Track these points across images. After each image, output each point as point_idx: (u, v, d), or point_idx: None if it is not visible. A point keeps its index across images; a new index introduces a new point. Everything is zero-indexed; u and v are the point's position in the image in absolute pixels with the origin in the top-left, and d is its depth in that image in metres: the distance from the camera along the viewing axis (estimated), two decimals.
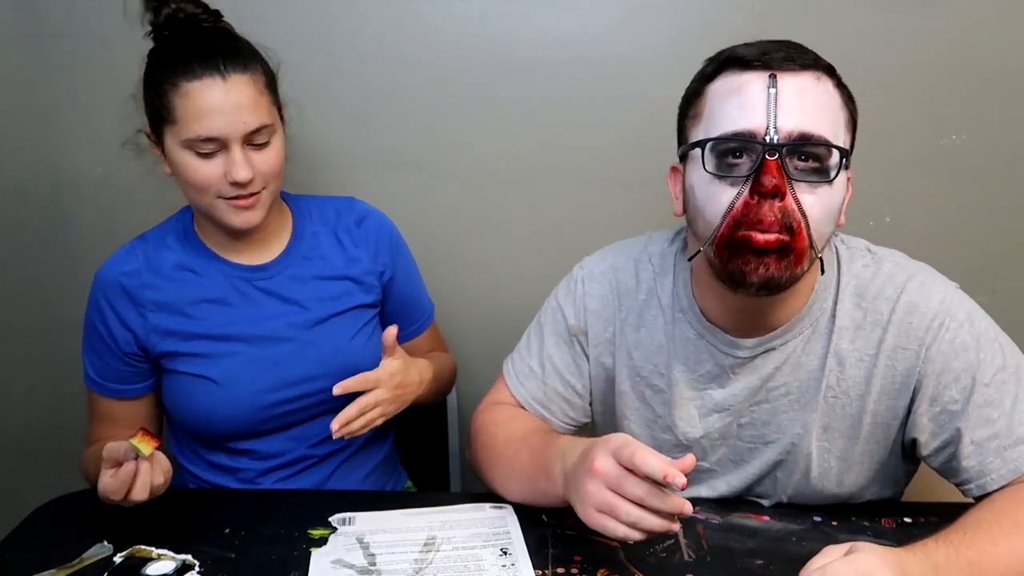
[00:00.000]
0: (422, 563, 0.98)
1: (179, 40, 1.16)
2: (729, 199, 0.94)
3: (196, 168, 1.13)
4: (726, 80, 0.96)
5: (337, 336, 1.27)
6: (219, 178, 1.13)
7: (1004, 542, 0.89)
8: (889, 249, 1.10)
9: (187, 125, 1.11)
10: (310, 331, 1.25)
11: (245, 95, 1.12)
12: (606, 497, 0.87)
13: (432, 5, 1.54)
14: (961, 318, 1.01)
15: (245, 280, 1.25)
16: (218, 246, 1.25)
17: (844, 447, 1.07)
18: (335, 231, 1.31)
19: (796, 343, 1.05)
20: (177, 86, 1.11)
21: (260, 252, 1.26)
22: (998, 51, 1.53)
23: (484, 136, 1.59)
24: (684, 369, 1.09)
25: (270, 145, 1.16)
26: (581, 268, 1.19)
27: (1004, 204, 1.61)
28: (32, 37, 1.56)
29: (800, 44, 0.98)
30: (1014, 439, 0.98)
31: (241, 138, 1.12)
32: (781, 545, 1.03)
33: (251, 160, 1.14)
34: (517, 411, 1.19)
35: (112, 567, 0.98)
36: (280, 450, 1.26)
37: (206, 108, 1.10)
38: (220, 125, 1.10)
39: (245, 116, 1.12)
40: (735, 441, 1.10)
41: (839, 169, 0.95)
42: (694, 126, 1.00)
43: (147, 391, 1.26)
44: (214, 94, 1.10)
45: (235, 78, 1.11)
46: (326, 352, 1.25)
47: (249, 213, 1.17)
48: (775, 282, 0.94)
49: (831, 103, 0.96)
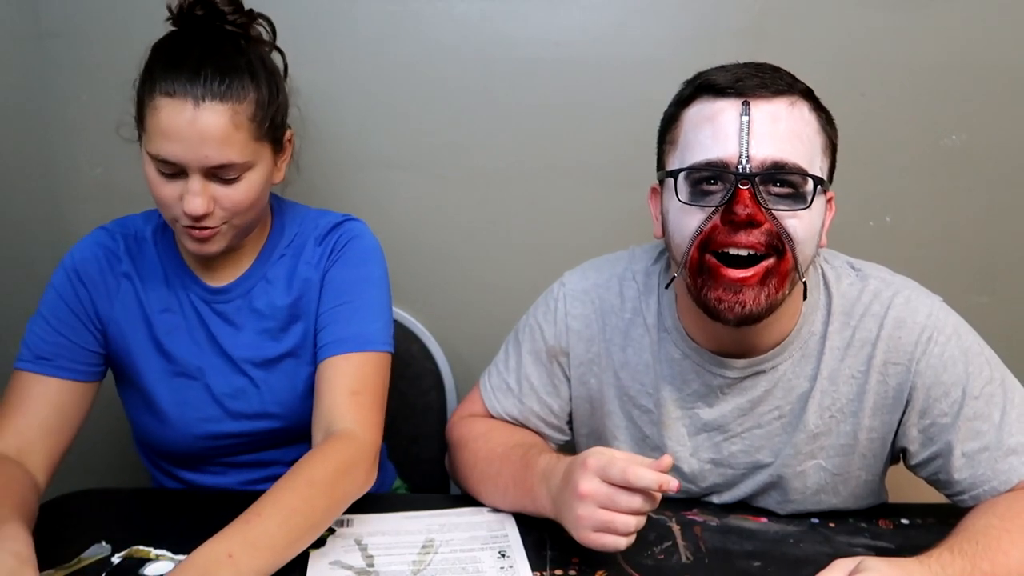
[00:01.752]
0: (420, 565, 0.98)
1: (179, 41, 1.07)
2: (699, 222, 0.94)
3: (157, 184, 1.05)
4: (700, 107, 0.96)
5: (291, 378, 1.18)
6: (175, 201, 1.04)
7: (1015, 552, 0.89)
8: (872, 264, 1.09)
9: (151, 139, 1.03)
10: (262, 369, 1.18)
11: (214, 127, 1.01)
12: (600, 516, 0.88)
13: (432, 6, 1.54)
14: (948, 332, 1.01)
15: (204, 301, 1.17)
16: (187, 256, 1.18)
17: (840, 464, 1.07)
18: (299, 252, 1.19)
19: (786, 366, 1.05)
20: (152, 96, 1.02)
21: (226, 271, 1.18)
22: (998, 51, 1.53)
23: (484, 136, 1.59)
24: (671, 388, 1.09)
25: (240, 180, 1.05)
26: (562, 286, 1.16)
27: (1004, 204, 1.61)
28: (32, 37, 1.56)
29: (776, 67, 0.98)
30: (1004, 450, 0.99)
31: (201, 170, 1.02)
32: (779, 547, 1.03)
33: (212, 193, 1.04)
34: (491, 423, 1.19)
35: (110, 567, 0.98)
36: (224, 472, 1.23)
37: (168, 131, 1.00)
38: (179, 152, 1.01)
39: (208, 150, 1.01)
40: (726, 469, 1.10)
41: (814, 195, 0.94)
42: (670, 152, 1.01)
43: (97, 376, 1.16)
44: (179, 118, 1.00)
45: (209, 107, 1.00)
46: (277, 393, 1.18)
47: (205, 244, 1.07)
48: (752, 317, 0.94)
49: (806, 129, 0.95)
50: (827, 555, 0.98)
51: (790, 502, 1.09)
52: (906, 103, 1.56)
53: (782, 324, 1.03)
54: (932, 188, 1.60)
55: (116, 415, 1.64)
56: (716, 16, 1.53)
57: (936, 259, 1.61)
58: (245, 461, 1.23)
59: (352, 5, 1.53)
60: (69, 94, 1.58)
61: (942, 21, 1.52)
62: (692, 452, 1.10)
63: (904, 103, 1.56)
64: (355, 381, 1.10)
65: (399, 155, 1.59)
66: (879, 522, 1.09)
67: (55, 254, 1.66)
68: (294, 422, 1.19)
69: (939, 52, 1.53)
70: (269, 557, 0.91)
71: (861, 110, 1.55)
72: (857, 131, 1.57)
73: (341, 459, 1.02)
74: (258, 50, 1.11)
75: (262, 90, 1.07)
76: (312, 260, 1.18)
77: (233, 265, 1.18)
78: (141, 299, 1.17)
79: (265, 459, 1.23)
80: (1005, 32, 1.53)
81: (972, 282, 1.64)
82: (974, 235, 1.62)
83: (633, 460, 0.89)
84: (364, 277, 1.18)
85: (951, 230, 1.62)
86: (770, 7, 1.52)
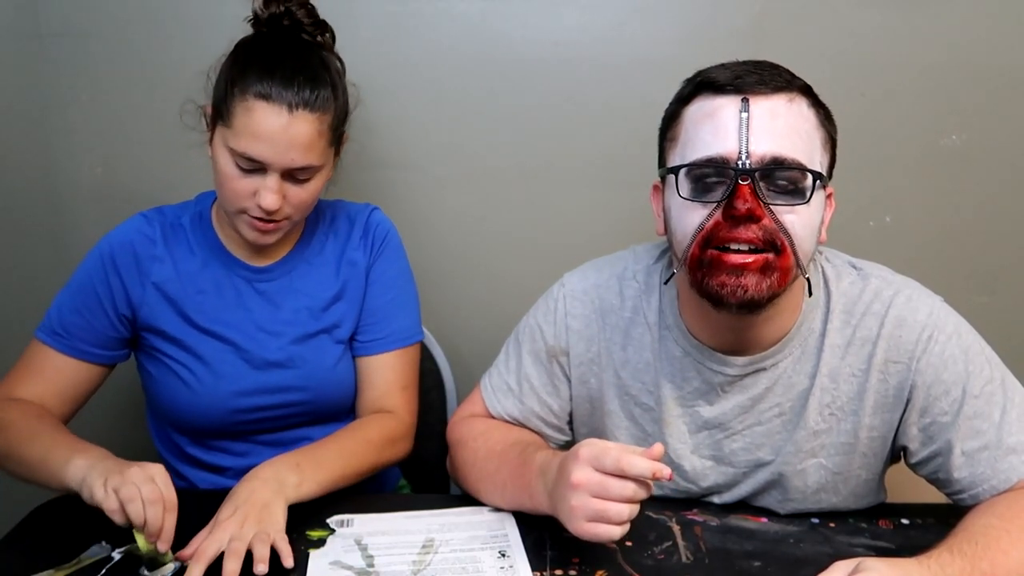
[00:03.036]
0: (420, 565, 0.98)
1: (271, 46, 1.14)
2: (701, 219, 0.95)
3: (231, 177, 1.11)
4: (700, 104, 0.98)
5: (323, 354, 1.25)
6: (248, 195, 1.12)
7: (1015, 552, 0.89)
8: (873, 263, 1.10)
9: (238, 136, 1.09)
10: (299, 344, 1.24)
11: (303, 135, 1.09)
12: (593, 505, 0.89)
13: (432, 5, 1.54)
14: (949, 331, 1.01)
15: (246, 280, 1.24)
16: (228, 240, 1.24)
17: (840, 462, 1.07)
18: (345, 239, 1.29)
19: (786, 364, 1.05)
20: (244, 97, 1.08)
21: (268, 253, 1.25)
22: (998, 51, 1.53)
23: (484, 136, 1.59)
24: (672, 386, 1.09)
25: (310, 182, 1.14)
26: (561, 286, 1.17)
27: (1004, 204, 1.61)
28: (32, 37, 1.56)
29: (775, 64, 0.99)
30: (1004, 449, 0.99)
31: (281, 170, 1.10)
32: (779, 547, 1.03)
33: (285, 191, 1.12)
34: (491, 422, 1.19)
35: (111, 564, 0.98)
36: (247, 451, 1.25)
37: (259, 132, 1.08)
38: (266, 153, 1.08)
39: (295, 154, 1.09)
40: (727, 467, 1.10)
41: (814, 190, 0.95)
42: (671, 149, 1.01)
43: (110, 361, 1.23)
44: (273, 122, 1.08)
45: (301, 115, 1.08)
46: (311, 366, 1.24)
47: (266, 235, 1.16)
48: (755, 302, 0.94)
49: (805, 125, 0.97)
50: (827, 555, 0.99)
51: (790, 501, 1.09)
52: (906, 103, 1.56)
53: (783, 319, 1.03)
54: (932, 188, 1.60)
55: (117, 416, 1.65)
56: (716, 16, 1.53)
57: (936, 259, 1.61)
58: (268, 440, 1.26)
59: (352, 5, 1.53)
60: (69, 94, 1.58)
61: (942, 21, 1.52)
62: (693, 450, 1.10)
63: (904, 103, 1.56)
64: (404, 376, 1.28)
65: (399, 155, 1.59)
66: (879, 522, 1.09)
67: (55, 254, 1.67)
68: (321, 397, 1.25)
69: (939, 52, 1.53)
70: (327, 477, 1.09)
71: (861, 110, 1.55)
72: (857, 131, 1.57)
73: (392, 431, 1.22)
74: (334, 60, 1.20)
75: (339, 100, 1.16)
76: (358, 247, 1.28)
77: (274, 247, 1.24)
78: (177, 280, 1.22)
79: (287, 439, 1.26)
80: (1005, 32, 1.53)
81: (972, 282, 1.64)
82: (974, 235, 1.62)
83: (626, 449, 0.90)
84: (403, 269, 1.32)
85: (951, 230, 1.62)
86: (770, 7, 1.52)
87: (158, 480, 0.96)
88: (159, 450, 1.31)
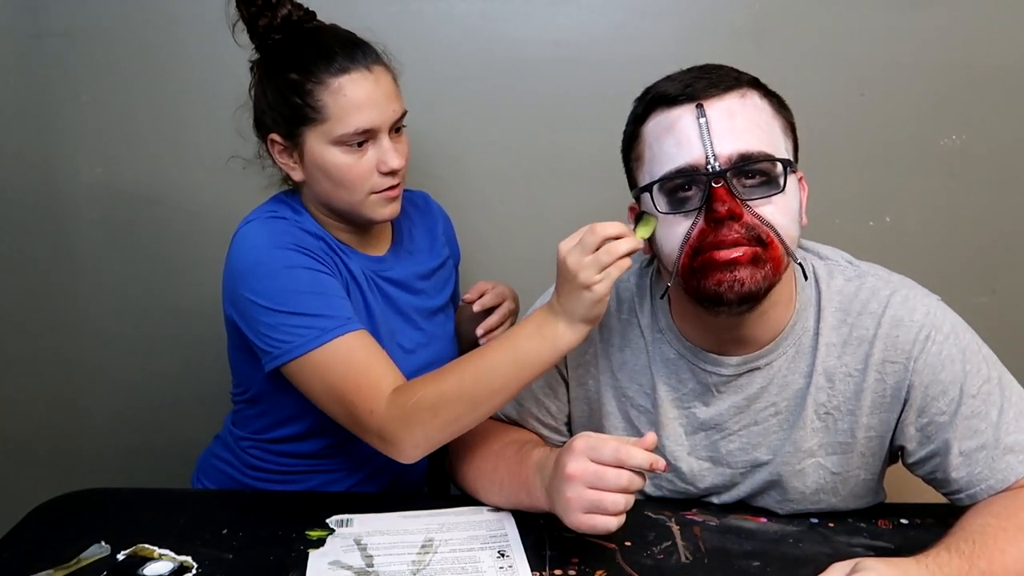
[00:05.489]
0: (420, 565, 0.98)
1: (302, 40, 1.15)
2: (685, 229, 0.96)
3: (350, 166, 1.13)
4: (657, 119, 0.99)
5: (450, 323, 1.35)
6: (371, 171, 1.14)
7: (1012, 550, 0.89)
8: (869, 263, 1.10)
9: (341, 121, 1.11)
10: (431, 320, 1.30)
11: (389, 84, 1.15)
12: (589, 496, 0.89)
13: (432, 5, 1.54)
14: (946, 331, 1.01)
15: (373, 271, 1.24)
16: (345, 233, 1.23)
17: (839, 462, 1.07)
18: (421, 224, 1.36)
19: (781, 363, 1.05)
20: (325, 83, 1.11)
21: (376, 246, 1.27)
22: (998, 50, 1.53)
23: (484, 136, 1.59)
24: (667, 388, 1.09)
25: (403, 131, 1.18)
26: None
27: (1004, 204, 1.61)
28: (32, 37, 1.57)
29: (719, 65, 1.00)
30: (1002, 449, 0.99)
31: (389, 128, 1.14)
32: (778, 547, 1.03)
33: (396, 148, 1.15)
34: (490, 422, 1.18)
35: (112, 565, 0.98)
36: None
37: (360, 102, 1.11)
38: (374, 117, 1.12)
39: (394, 104, 1.14)
40: (724, 468, 1.10)
41: (786, 177, 0.96)
42: (639, 169, 1.03)
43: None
44: (365, 87, 1.11)
45: (378, 70, 1.13)
46: (448, 338, 1.32)
47: (395, 204, 1.18)
48: (752, 294, 0.95)
49: (762, 116, 0.98)
50: (826, 555, 0.99)
51: (789, 502, 1.09)
52: (906, 103, 1.56)
53: (776, 314, 1.03)
54: (932, 188, 1.60)
55: (117, 415, 1.65)
56: (716, 16, 1.53)
57: (936, 259, 1.61)
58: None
59: (352, 5, 1.53)
60: (69, 94, 1.59)
61: (942, 21, 1.52)
62: (690, 451, 1.10)
63: (904, 103, 1.56)
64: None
65: None
66: (878, 522, 1.09)
67: (55, 254, 1.67)
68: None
69: (939, 52, 1.53)
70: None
71: (861, 110, 1.55)
72: (857, 131, 1.57)
73: None
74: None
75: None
76: (440, 223, 1.40)
77: (378, 236, 1.28)
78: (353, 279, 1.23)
79: None
80: (1005, 32, 1.53)
81: (972, 282, 1.64)
82: (974, 235, 1.62)
83: (623, 440, 0.91)
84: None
85: (951, 230, 1.62)
86: (770, 7, 1.52)
87: None
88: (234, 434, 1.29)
